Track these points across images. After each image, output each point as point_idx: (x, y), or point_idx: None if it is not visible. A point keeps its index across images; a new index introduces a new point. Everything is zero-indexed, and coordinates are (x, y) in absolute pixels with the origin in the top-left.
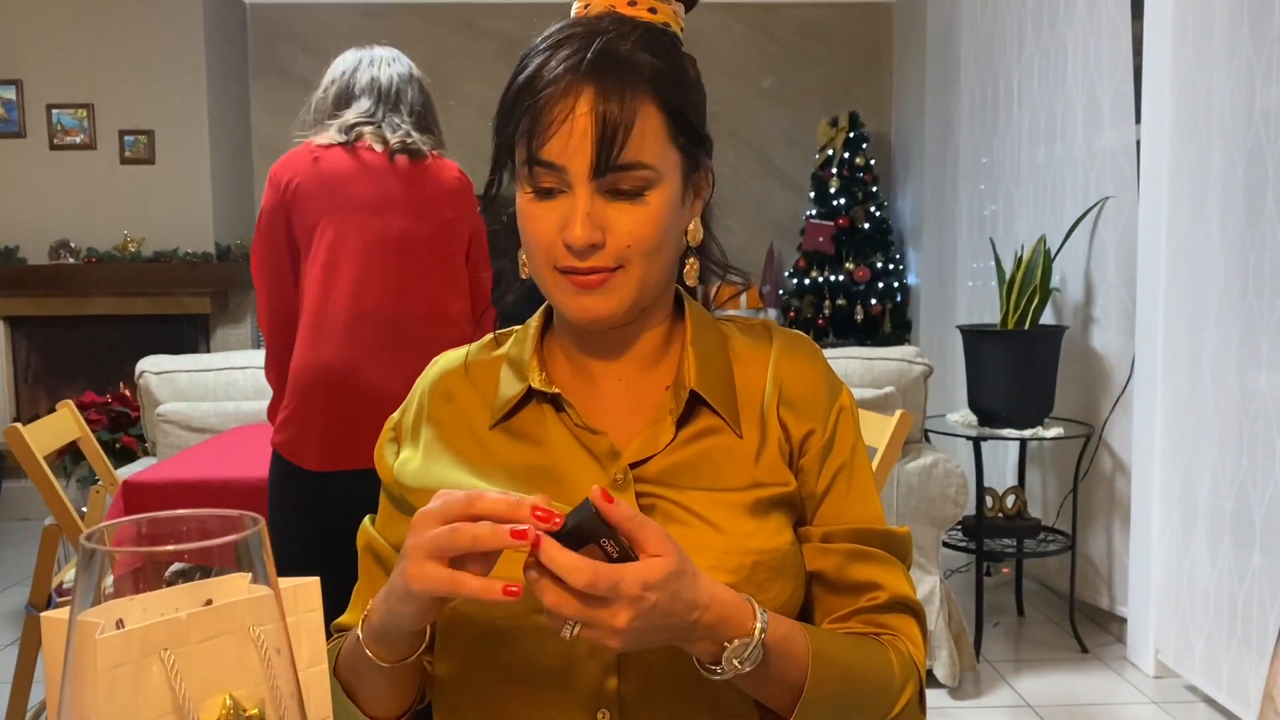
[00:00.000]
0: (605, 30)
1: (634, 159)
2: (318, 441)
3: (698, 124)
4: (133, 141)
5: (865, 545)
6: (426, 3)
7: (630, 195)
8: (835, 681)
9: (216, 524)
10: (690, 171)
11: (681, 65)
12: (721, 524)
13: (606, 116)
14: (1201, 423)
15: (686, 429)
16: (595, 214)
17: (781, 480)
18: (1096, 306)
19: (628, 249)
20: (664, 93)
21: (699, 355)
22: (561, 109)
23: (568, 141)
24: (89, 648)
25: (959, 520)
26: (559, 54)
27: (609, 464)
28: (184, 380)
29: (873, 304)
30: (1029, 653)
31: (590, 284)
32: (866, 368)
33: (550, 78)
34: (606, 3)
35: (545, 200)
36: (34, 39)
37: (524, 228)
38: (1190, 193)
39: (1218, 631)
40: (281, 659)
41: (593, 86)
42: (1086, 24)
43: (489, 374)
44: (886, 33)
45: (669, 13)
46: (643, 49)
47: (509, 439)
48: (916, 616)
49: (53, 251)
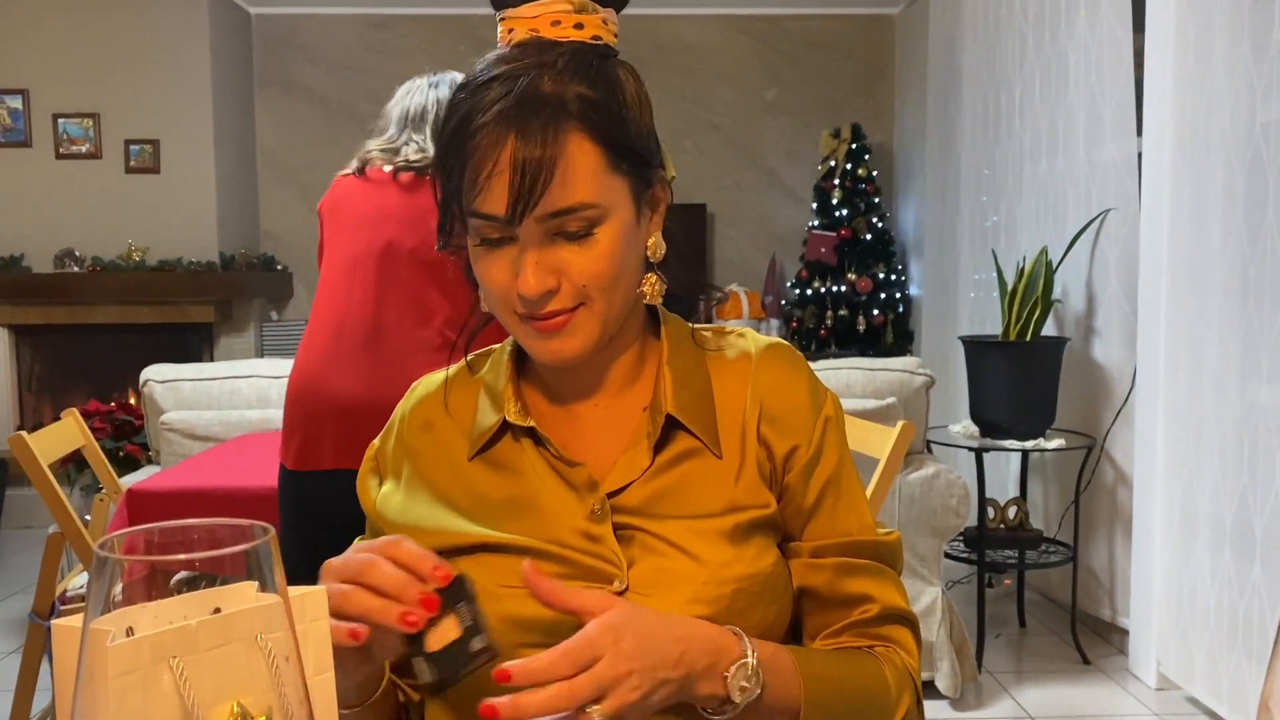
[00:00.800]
0: (527, 69)
1: (574, 201)
2: (297, 444)
3: (640, 144)
4: (138, 151)
5: (855, 558)
6: (431, 14)
7: (578, 236)
8: (830, 699)
9: (227, 533)
10: (641, 190)
11: (614, 86)
12: (700, 554)
13: (529, 162)
14: (1202, 435)
15: (664, 453)
16: (545, 259)
17: (761, 502)
18: (1098, 318)
19: (584, 288)
20: (596, 124)
21: (676, 375)
22: (488, 158)
23: (499, 193)
24: (100, 655)
25: (961, 531)
26: (484, 100)
27: (586, 495)
28: (188, 389)
29: (875, 315)
30: (1031, 664)
31: (553, 328)
32: (868, 378)
33: (475, 127)
34: (529, 28)
35: (494, 249)
36: (40, 49)
37: (478, 275)
38: (1191, 205)
39: (1218, 643)
40: (290, 667)
41: (515, 134)
42: (1088, 36)
43: (467, 401)
44: (889, 45)
45: (597, 23)
46: (570, 79)
47: (488, 470)
48: (910, 626)
49: (58, 260)
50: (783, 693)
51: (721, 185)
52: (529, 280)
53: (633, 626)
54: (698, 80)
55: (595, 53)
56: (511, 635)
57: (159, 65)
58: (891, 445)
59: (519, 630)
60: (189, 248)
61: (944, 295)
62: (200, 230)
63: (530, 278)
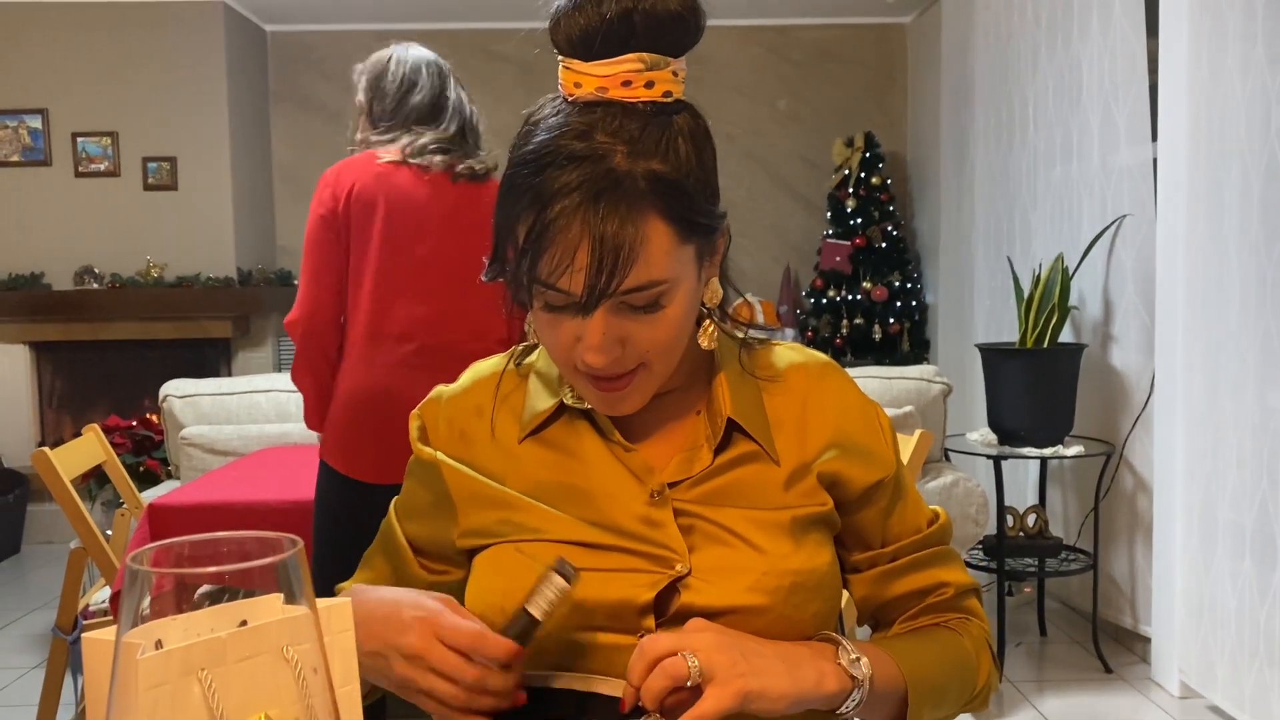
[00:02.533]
0: (600, 148)
1: (646, 280)
2: (372, 459)
3: (707, 212)
4: (156, 168)
5: (926, 550)
6: (444, 29)
7: (646, 309)
8: (928, 674)
9: (255, 546)
10: (706, 251)
11: (683, 157)
12: (761, 544)
13: (606, 248)
14: (1221, 441)
15: (722, 456)
16: (611, 330)
17: (818, 501)
18: (1115, 324)
19: (648, 352)
20: (670, 203)
21: (731, 381)
22: (565, 241)
23: (572, 275)
24: (131, 667)
25: (980, 540)
26: (555, 176)
27: (646, 479)
28: (207, 404)
29: (891, 323)
30: (1052, 673)
31: (613, 388)
32: (885, 387)
33: (546, 199)
34: (597, 87)
35: (557, 313)
36: (60, 69)
37: (539, 334)
38: (1207, 210)
39: (1239, 651)
40: (317, 678)
41: (594, 218)
42: (1101, 43)
43: (517, 387)
44: (901, 53)
45: (667, 77)
46: (643, 156)
47: (541, 449)
48: (977, 595)
49: (77, 277)
50: (886, 675)
51: (735, 195)
52: (595, 354)
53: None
54: (710, 91)
55: (666, 114)
56: (573, 618)
57: (176, 83)
58: (910, 454)
59: (579, 613)
60: (207, 263)
61: (960, 303)
62: (218, 246)
63: (596, 352)
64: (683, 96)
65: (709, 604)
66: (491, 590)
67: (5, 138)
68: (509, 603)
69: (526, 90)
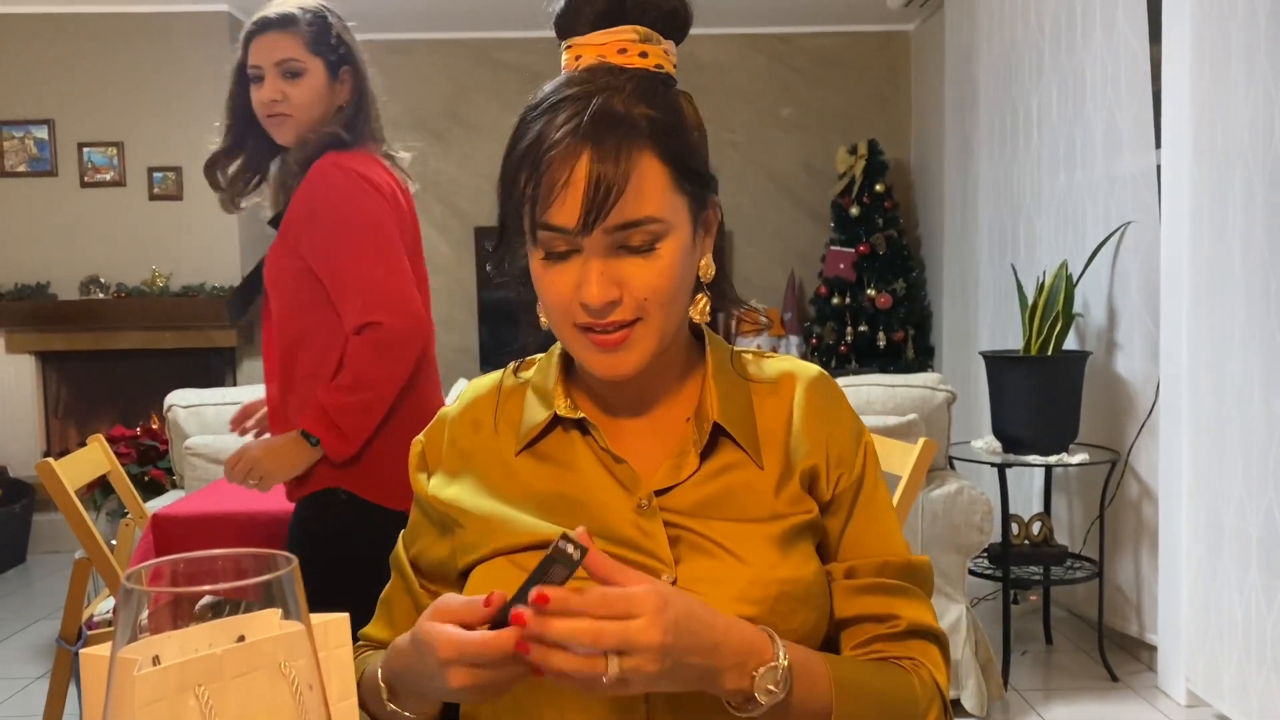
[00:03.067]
0: (600, 89)
1: (641, 214)
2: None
3: (700, 165)
4: (161, 178)
5: (888, 578)
6: (448, 38)
7: (641, 250)
8: (860, 707)
9: (251, 562)
10: (698, 212)
11: (678, 110)
12: (746, 555)
13: (603, 175)
14: (1227, 448)
15: (710, 462)
16: (609, 271)
17: (804, 509)
18: (1120, 332)
19: (645, 301)
20: (663, 143)
21: (720, 388)
22: (562, 173)
23: (571, 204)
24: (128, 684)
25: (985, 548)
26: (557, 118)
27: (634, 489)
28: (211, 414)
29: (895, 331)
30: (1058, 681)
31: (612, 343)
32: (889, 394)
33: (549, 143)
34: (596, 54)
35: (558, 263)
36: (66, 79)
37: (539, 290)
38: (1211, 217)
39: (1246, 660)
40: (313, 694)
41: (591, 147)
42: (1104, 49)
43: (514, 401)
44: (904, 60)
45: (659, 53)
46: (638, 101)
47: (536, 463)
48: (938, 643)
49: (83, 287)
50: (812, 697)
51: (739, 203)
52: (593, 289)
53: (678, 603)
54: (714, 98)
55: (659, 80)
56: None
57: (181, 93)
58: (913, 462)
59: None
60: (212, 273)
61: (964, 310)
62: (223, 256)
63: (594, 287)
64: (675, 78)
65: None
66: None
67: (12, 148)
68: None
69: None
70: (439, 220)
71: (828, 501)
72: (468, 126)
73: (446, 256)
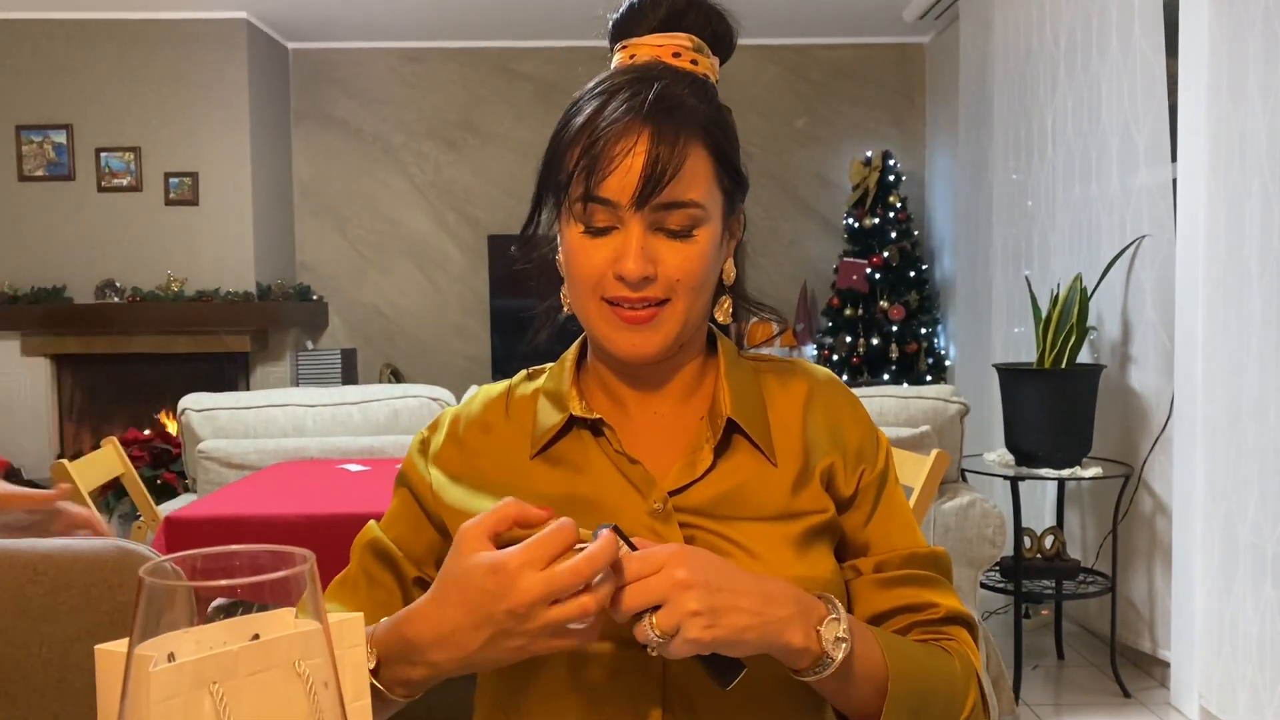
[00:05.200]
0: (660, 76)
1: (686, 197)
2: None
3: (740, 168)
4: (178, 183)
5: (917, 569)
6: (464, 47)
7: (679, 234)
8: (911, 675)
9: (269, 559)
10: (729, 214)
11: (724, 113)
12: (762, 554)
13: (661, 156)
14: (1241, 463)
15: (724, 459)
16: (648, 247)
17: (820, 507)
18: (1134, 345)
19: (677, 283)
20: (713, 137)
21: (733, 387)
22: (622, 147)
23: (624, 179)
24: (143, 680)
25: (997, 561)
26: (618, 97)
27: (648, 492)
28: (225, 417)
29: (908, 342)
30: (1070, 696)
31: (638, 319)
32: (902, 406)
33: (611, 118)
34: (652, 54)
35: (597, 237)
36: (84, 85)
37: (573, 262)
38: (1227, 231)
39: (1261, 676)
40: (328, 693)
41: (651, 127)
42: (1120, 62)
43: (526, 407)
44: (919, 73)
45: (708, 65)
46: (692, 95)
47: (549, 467)
48: (970, 627)
49: (98, 291)
50: (870, 661)
51: (753, 214)
52: (629, 264)
53: (702, 551)
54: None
55: (709, 86)
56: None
57: (199, 100)
58: (926, 474)
59: None
60: (227, 278)
61: (977, 323)
62: (238, 261)
63: (631, 261)
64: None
65: None
66: None
67: (30, 152)
68: None
69: (546, 107)
70: (453, 228)
71: (848, 497)
72: (482, 135)
73: (460, 264)
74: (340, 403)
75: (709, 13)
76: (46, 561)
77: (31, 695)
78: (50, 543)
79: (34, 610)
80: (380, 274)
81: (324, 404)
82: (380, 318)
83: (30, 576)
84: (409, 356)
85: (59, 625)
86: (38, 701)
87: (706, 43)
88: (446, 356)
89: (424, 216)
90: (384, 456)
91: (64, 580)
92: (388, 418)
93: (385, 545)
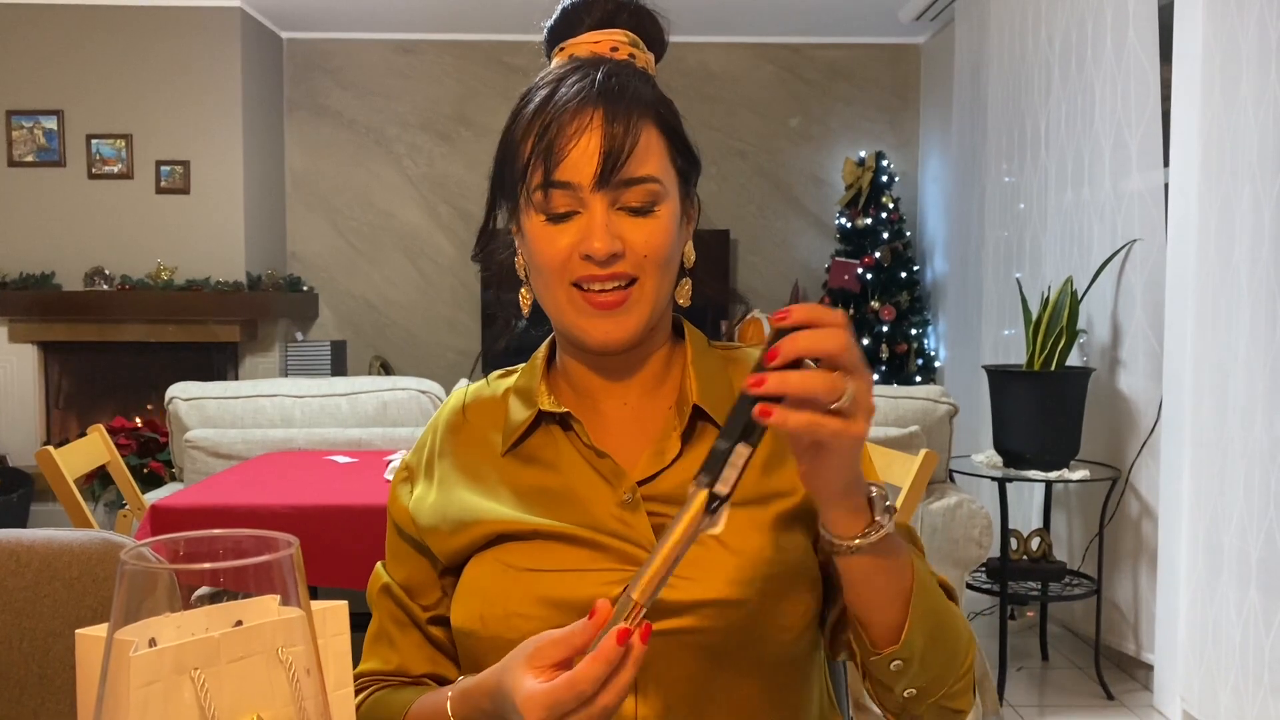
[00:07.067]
0: (605, 63)
1: (644, 172)
2: None
3: (691, 147)
4: (169, 172)
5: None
6: (458, 40)
7: (641, 210)
8: (934, 596)
9: (252, 544)
10: (685, 195)
11: (669, 99)
12: (732, 542)
13: (617, 133)
14: (1228, 468)
15: (691, 446)
16: (611, 225)
17: (791, 488)
18: (1123, 349)
19: (645, 259)
20: (663, 117)
21: (700, 374)
22: (577, 127)
23: (582, 158)
24: (123, 665)
25: (983, 562)
26: (566, 83)
27: (617, 483)
28: (213, 407)
29: (898, 343)
30: (1053, 698)
31: (609, 304)
32: (891, 406)
33: (563, 103)
34: (589, 50)
35: (559, 223)
36: (76, 71)
37: (536, 251)
38: (1218, 237)
39: (1244, 681)
40: (310, 680)
41: (604, 107)
42: (1114, 68)
43: (498, 406)
44: (914, 74)
45: (645, 60)
46: (640, 80)
47: (520, 464)
48: (950, 596)
49: (88, 278)
50: (900, 560)
51: (745, 212)
52: (596, 242)
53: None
54: (723, 107)
55: (649, 75)
56: (551, 617)
57: (191, 88)
58: (914, 474)
59: (555, 611)
60: (217, 268)
61: (968, 324)
62: (228, 251)
63: (599, 239)
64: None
65: (687, 598)
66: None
67: (20, 138)
68: (490, 610)
69: None
70: (445, 221)
71: None
72: (476, 129)
73: (451, 258)
74: (329, 394)
75: (640, 13)
76: (30, 553)
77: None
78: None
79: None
80: (371, 266)
81: (312, 395)
82: (371, 310)
83: (12, 568)
84: (399, 349)
85: (42, 619)
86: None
87: (643, 39)
88: (436, 350)
89: (416, 209)
90: (371, 449)
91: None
92: (376, 410)
93: (397, 593)
